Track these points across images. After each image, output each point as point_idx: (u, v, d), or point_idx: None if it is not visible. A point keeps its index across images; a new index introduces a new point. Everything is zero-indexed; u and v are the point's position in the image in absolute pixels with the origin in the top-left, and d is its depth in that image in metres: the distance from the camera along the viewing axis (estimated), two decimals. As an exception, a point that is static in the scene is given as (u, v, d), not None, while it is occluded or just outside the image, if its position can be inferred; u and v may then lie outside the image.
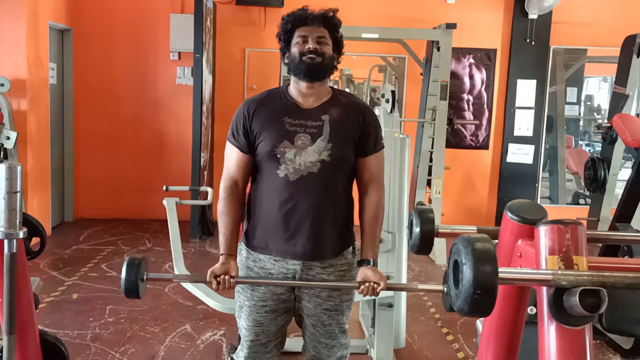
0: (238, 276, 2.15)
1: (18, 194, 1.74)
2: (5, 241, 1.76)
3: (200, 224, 6.35)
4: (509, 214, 1.55)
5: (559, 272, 1.24)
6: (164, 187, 3.81)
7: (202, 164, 6.25)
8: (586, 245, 1.32)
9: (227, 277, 2.10)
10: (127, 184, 6.97)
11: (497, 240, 1.65)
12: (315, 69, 2.16)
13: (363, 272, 2.14)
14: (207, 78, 6.44)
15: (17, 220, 1.76)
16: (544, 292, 1.28)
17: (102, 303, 4.43)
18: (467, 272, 1.19)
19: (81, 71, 6.83)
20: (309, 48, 2.15)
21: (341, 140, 2.17)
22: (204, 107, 6.29)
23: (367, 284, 2.10)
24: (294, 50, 2.18)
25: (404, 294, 3.59)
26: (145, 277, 2.06)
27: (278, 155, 2.14)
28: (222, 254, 2.17)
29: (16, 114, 5.55)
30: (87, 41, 6.80)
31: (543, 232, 1.32)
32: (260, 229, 2.23)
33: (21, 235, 1.79)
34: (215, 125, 6.83)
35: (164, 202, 3.71)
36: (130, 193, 6.99)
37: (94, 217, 6.96)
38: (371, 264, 2.17)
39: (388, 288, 2.15)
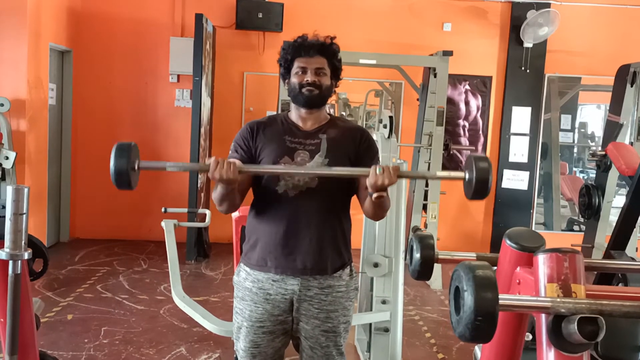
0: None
1: (24, 216, 1.76)
2: (10, 262, 1.77)
3: (196, 246, 6.35)
4: (508, 242, 1.58)
5: (558, 299, 1.26)
6: (163, 209, 3.84)
7: (199, 186, 6.27)
8: (584, 273, 1.35)
9: (229, 160, 2.03)
10: (123, 205, 6.97)
11: (495, 267, 1.67)
12: (313, 101, 2.26)
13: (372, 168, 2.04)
14: (206, 101, 6.49)
15: (23, 242, 1.78)
16: (543, 319, 1.30)
17: (97, 324, 4.42)
18: (468, 298, 1.21)
19: (80, 92, 6.88)
20: (307, 81, 2.24)
21: (338, 156, 2.24)
22: (202, 130, 6.33)
23: (380, 168, 2.00)
24: (294, 80, 2.27)
25: (400, 319, 3.59)
26: (136, 166, 1.99)
27: None
28: None
29: (15, 134, 5.57)
30: (87, 63, 6.86)
31: (542, 260, 1.35)
32: (260, 246, 2.26)
33: (26, 256, 1.81)
34: (213, 147, 6.86)
35: (163, 224, 3.72)
36: (126, 214, 6.99)
37: (89, 238, 6.95)
38: None
39: (402, 176, 2.05)
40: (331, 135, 2.28)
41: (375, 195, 2.04)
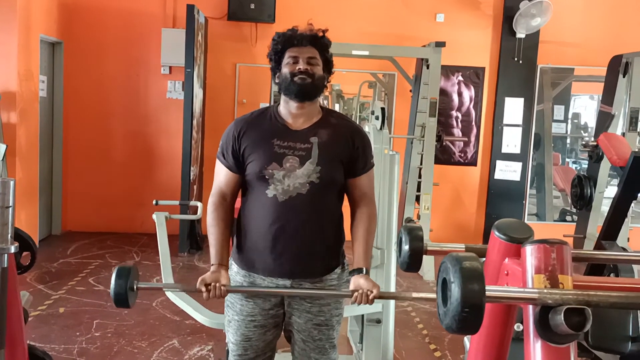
0: (229, 285, 2.15)
1: (10, 209, 1.75)
2: (-3, 256, 1.76)
3: (189, 238, 6.34)
4: (497, 233, 1.58)
5: (545, 290, 1.26)
6: (154, 201, 3.81)
7: (191, 178, 6.25)
8: (571, 264, 1.35)
9: (217, 284, 2.09)
10: (115, 198, 6.95)
11: (484, 258, 1.67)
12: (306, 90, 2.18)
13: (356, 281, 2.13)
14: (198, 92, 6.47)
15: (9, 235, 1.77)
16: (530, 310, 1.30)
17: (89, 317, 4.41)
18: (455, 290, 1.21)
19: (71, 84, 6.84)
20: (300, 69, 2.17)
21: (330, 162, 2.18)
22: (194, 121, 6.31)
23: (360, 291, 2.08)
24: (285, 70, 2.20)
25: (392, 310, 3.60)
26: (135, 287, 2.04)
27: (267, 177, 2.15)
28: (212, 264, 2.17)
29: (6, 126, 5.54)
30: (78, 54, 6.81)
31: (529, 251, 1.34)
32: (248, 247, 2.24)
33: (12, 250, 1.79)
34: (205, 139, 6.84)
35: (154, 216, 3.70)
36: (118, 206, 6.97)
37: (81, 230, 6.93)
38: (363, 272, 2.16)
39: (381, 296, 2.12)
40: (323, 138, 2.19)
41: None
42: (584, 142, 5.29)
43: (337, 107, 7.65)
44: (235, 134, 2.23)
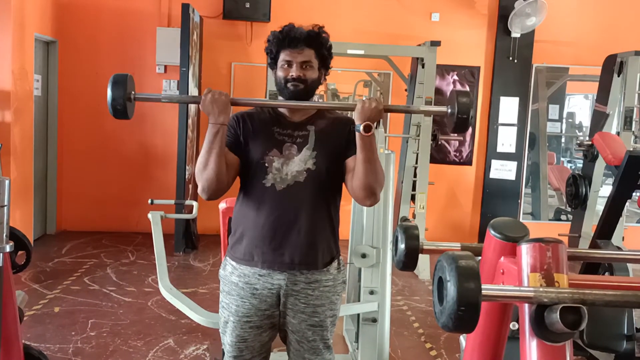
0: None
1: (5, 208, 1.74)
2: (-8, 255, 1.76)
3: (184, 238, 6.33)
4: (492, 232, 1.58)
5: (540, 289, 1.27)
6: (149, 201, 3.81)
7: (187, 177, 6.25)
8: (567, 263, 1.35)
9: (220, 91, 2.15)
10: (110, 197, 6.94)
11: (480, 257, 1.67)
12: (299, 95, 2.23)
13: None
14: (193, 91, 6.45)
15: (4, 234, 1.76)
16: (526, 309, 1.30)
17: (85, 317, 4.40)
18: (451, 289, 1.21)
19: (66, 83, 6.81)
20: (292, 76, 2.20)
21: (326, 148, 2.22)
22: (190, 121, 6.30)
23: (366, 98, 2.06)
24: (280, 74, 2.24)
25: (388, 309, 3.60)
26: (132, 97, 2.11)
27: (266, 164, 2.18)
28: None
29: (0, 125, 5.51)
30: (73, 53, 6.79)
31: (525, 250, 1.35)
32: (246, 240, 2.23)
33: (8, 249, 1.79)
34: (200, 138, 6.83)
35: (149, 215, 3.70)
36: (113, 206, 6.96)
37: (76, 230, 6.91)
38: None
39: (388, 109, 2.17)
40: (320, 126, 2.25)
41: (362, 126, 2.03)
42: (578, 142, 5.28)
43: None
44: (237, 120, 2.27)
